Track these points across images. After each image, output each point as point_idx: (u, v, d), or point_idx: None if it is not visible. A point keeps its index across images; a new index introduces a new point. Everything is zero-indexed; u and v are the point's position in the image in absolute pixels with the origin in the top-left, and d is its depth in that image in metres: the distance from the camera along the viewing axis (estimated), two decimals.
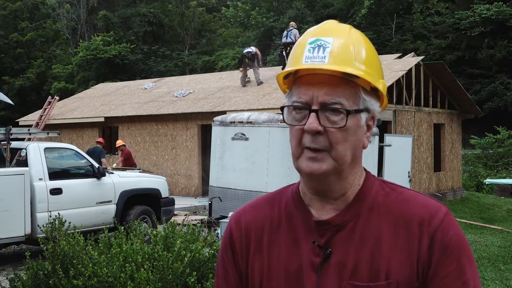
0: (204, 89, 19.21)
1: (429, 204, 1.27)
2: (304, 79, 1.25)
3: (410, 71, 15.87)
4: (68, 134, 19.89)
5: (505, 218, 14.80)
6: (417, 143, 16.08)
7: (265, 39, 39.51)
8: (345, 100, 1.23)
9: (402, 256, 1.23)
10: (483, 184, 21.81)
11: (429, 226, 1.23)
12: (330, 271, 1.25)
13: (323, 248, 1.27)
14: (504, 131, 26.59)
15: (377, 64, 1.30)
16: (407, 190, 1.32)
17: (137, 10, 44.40)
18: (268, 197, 1.42)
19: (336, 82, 1.23)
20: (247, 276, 1.36)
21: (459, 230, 1.27)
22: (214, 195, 10.50)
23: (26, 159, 8.53)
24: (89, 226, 8.65)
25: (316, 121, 1.22)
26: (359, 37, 1.28)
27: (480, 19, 32.89)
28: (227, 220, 5.91)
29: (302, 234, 1.30)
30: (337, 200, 1.29)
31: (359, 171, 1.31)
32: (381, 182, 1.34)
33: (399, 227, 1.25)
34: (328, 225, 1.28)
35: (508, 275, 8.09)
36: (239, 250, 1.37)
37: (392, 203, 1.28)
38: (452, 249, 1.23)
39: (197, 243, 4.88)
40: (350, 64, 1.22)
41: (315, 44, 1.24)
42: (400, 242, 1.24)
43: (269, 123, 9.79)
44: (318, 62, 1.22)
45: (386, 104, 1.33)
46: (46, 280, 4.96)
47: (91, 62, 40.23)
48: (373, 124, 1.31)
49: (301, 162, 1.25)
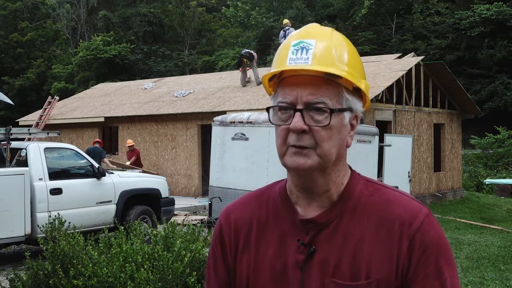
0: (204, 89, 19.20)
1: (411, 206, 1.30)
2: (289, 80, 1.28)
3: (410, 71, 15.87)
4: (68, 134, 19.89)
5: (505, 218, 14.79)
6: (417, 143, 16.08)
7: (265, 39, 39.51)
8: (329, 100, 1.26)
9: (382, 256, 1.26)
10: (483, 184, 21.81)
11: (409, 228, 1.26)
12: (313, 269, 1.29)
13: (307, 246, 1.30)
14: (504, 131, 26.60)
15: (359, 65, 1.33)
16: (391, 191, 1.34)
17: (137, 10, 44.40)
18: (256, 194, 1.46)
19: (320, 82, 1.26)
20: (235, 272, 1.39)
21: (440, 231, 1.29)
22: (214, 195, 10.50)
23: (26, 159, 8.52)
24: (89, 226, 8.65)
25: (301, 120, 1.25)
26: (340, 39, 1.32)
27: (480, 19, 32.89)
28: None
29: (288, 232, 1.34)
30: (321, 197, 1.32)
31: (342, 169, 1.34)
32: (366, 181, 1.36)
33: (380, 228, 1.28)
34: (312, 224, 1.31)
35: (508, 275, 8.08)
36: (228, 246, 1.41)
37: (375, 203, 1.31)
38: (431, 250, 1.25)
39: (197, 243, 4.89)
40: (332, 64, 1.26)
41: (299, 46, 1.28)
42: (381, 242, 1.27)
43: (269, 123, 9.76)
44: (302, 63, 1.25)
45: (369, 104, 1.36)
46: (46, 280, 4.96)
47: (91, 62, 40.23)
48: (356, 123, 1.34)
49: (287, 158, 1.29)
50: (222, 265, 1.42)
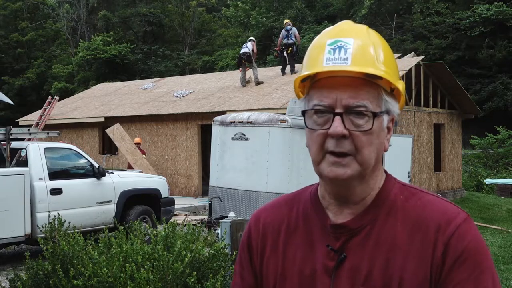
0: (204, 89, 19.20)
1: (447, 210, 1.23)
2: (325, 82, 1.21)
3: (410, 71, 15.86)
4: (68, 134, 19.89)
5: (505, 218, 14.79)
6: (417, 143, 16.08)
7: (265, 39, 39.51)
8: (369, 103, 1.20)
9: (416, 264, 1.19)
10: (483, 184, 21.81)
11: (444, 233, 1.19)
12: (343, 276, 1.23)
13: (337, 252, 1.24)
14: (504, 131, 26.59)
15: (394, 64, 1.27)
16: (427, 195, 1.28)
17: (137, 10, 44.44)
18: (288, 197, 1.41)
19: (359, 84, 1.20)
20: (262, 276, 1.35)
21: (478, 237, 1.21)
22: (214, 195, 10.50)
23: (26, 159, 8.52)
24: (89, 226, 8.65)
25: (341, 124, 1.18)
26: (376, 37, 1.25)
27: (480, 19, 32.89)
28: (227, 220, 5.90)
29: (318, 237, 1.28)
30: (357, 205, 1.26)
31: (379, 174, 1.29)
32: (402, 186, 1.30)
33: (414, 233, 1.21)
34: (343, 229, 1.25)
35: (508, 275, 8.09)
36: (255, 250, 1.36)
37: (410, 208, 1.24)
38: (466, 256, 1.17)
39: (197, 243, 4.88)
40: (372, 65, 1.19)
41: (335, 45, 1.20)
42: (414, 249, 1.20)
43: (269, 123, 9.79)
44: (341, 64, 1.18)
45: (403, 104, 1.30)
46: (46, 280, 4.96)
47: (91, 62, 40.25)
48: (392, 126, 1.29)
49: (324, 167, 1.21)
50: (249, 269, 1.37)
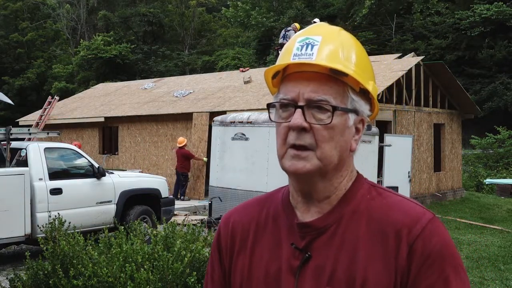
0: (204, 89, 19.20)
1: (413, 211, 1.21)
2: (291, 77, 1.23)
3: (410, 71, 15.87)
4: (68, 134, 19.89)
5: (505, 218, 14.78)
6: (417, 143, 16.08)
7: (265, 39, 39.48)
8: (332, 98, 1.20)
9: (379, 265, 1.17)
10: (483, 184, 21.81)
11: (409, 234, 1.17)
12: (308, 275, 1.22)
13: (302, 251, 1.24)
14: (504, 131, 26.59)
15: (368, 67, 1.27)
16: (394, 196, 1.26)
17: (137, 10, 44.44)
18: (261, 197, 1.41)
19: (323, 79, 1.21)
20: (230, 276, 1.35)
21: (446, 237, 1.20)
22: (214, 195, 10.50)
23: (26, 159, 8.52)
24: (89, 226, 8.65)
25: (302, 117, 1.19)
26: (348, 38, 1.26)
27: (480, 19, 32.88)
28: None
29: (285, 236, 1.28)
30: (321, 203, 1.25)
31: (346, 174, 1.27)
32: (370, 186, 1.28)
33: (378, 234, 1.20)
34: (309, 228, 1.24)
35: (508, 275, 8.08)
36: (225, 249, 1.37)
37: (375, 209, 1.23)
38: (434, 258, 1.16)
39: (197, 243, 4.89)
40: (337, 61, 1.20)
41: (304, 42, 1.23)
42: (377, 249, 1.18)
43: (269, 123, 9.79)
44: (306, 59, 1.20)
45: (377, 110, 1.30)
46: (46, 280, 4.96)
47: (91, 62, 40.26)
48: (362, 128, 1.27)
49: (285, 161, 1.23)
50: (219, 269, 1.38)
